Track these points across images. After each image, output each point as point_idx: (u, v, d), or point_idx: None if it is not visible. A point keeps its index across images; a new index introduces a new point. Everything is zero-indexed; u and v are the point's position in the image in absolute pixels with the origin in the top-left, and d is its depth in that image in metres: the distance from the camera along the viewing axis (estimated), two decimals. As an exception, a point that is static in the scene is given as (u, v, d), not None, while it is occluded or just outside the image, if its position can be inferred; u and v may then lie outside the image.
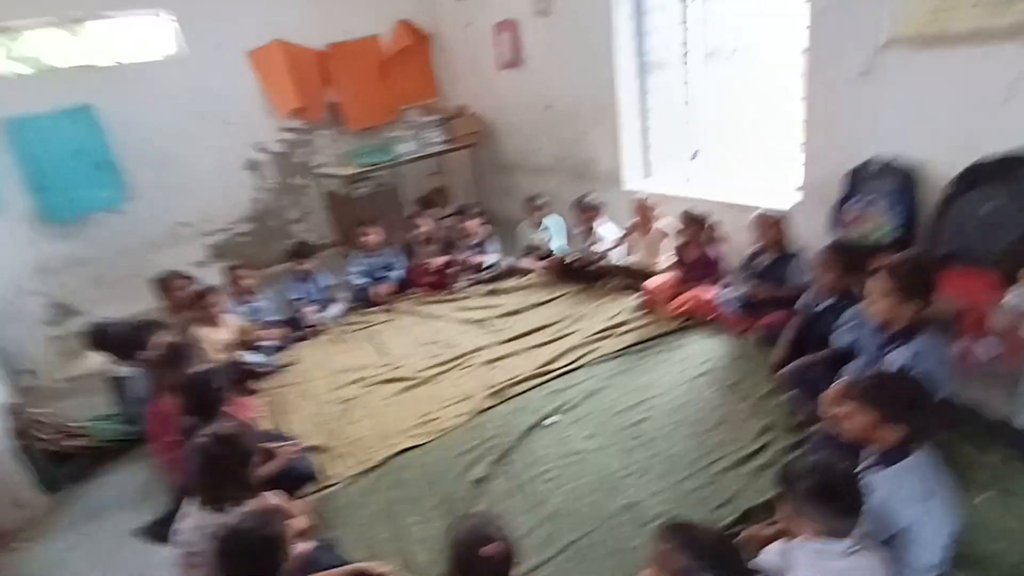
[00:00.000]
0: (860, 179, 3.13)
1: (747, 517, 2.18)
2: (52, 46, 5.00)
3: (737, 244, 3.66)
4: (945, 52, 2.70)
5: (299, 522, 2.30)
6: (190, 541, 1.97)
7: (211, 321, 3.79)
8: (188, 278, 4.17)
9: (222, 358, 3.70)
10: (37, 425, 3.13)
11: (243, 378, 3.65)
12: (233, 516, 1.77)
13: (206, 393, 2.54)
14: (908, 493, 1.70)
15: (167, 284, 4.02)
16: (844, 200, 3.17)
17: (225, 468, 1.99)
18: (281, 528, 1.72)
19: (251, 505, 2.01)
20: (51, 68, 4.99)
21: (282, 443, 2.74)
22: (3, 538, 2.72)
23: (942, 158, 2.82)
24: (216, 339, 3.76)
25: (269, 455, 2.53)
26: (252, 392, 3.63)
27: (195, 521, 1.98)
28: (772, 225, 3.25)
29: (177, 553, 2.00)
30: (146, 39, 5.23)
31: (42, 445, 3.06)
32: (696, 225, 3.66)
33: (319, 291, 4.66)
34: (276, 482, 2.41)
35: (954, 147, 2.76)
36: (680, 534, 1.47)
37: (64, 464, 3.10)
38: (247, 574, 1.65)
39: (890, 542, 1.71)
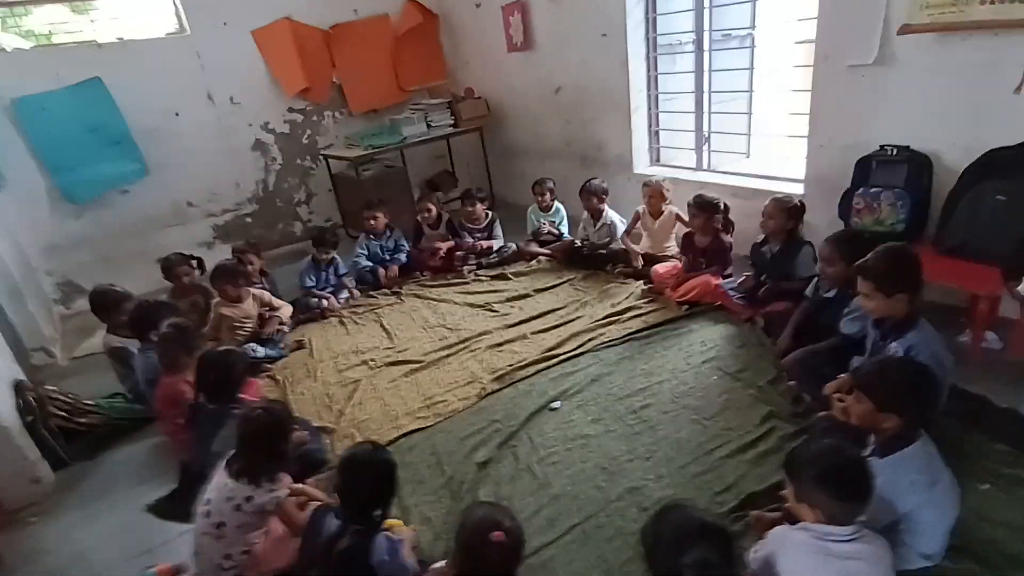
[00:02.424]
0: (869, 168, 3.12)
1: (749, 503, 2.20)
2: (52, 21, 4.97)
3: (747, 231, 3.65)
4: (958, 40, 2.68)
5: None
6: (219, 511, 2.02)
7: (233, 299, 3.80)
8: (196, 259, 4.20)
9: (246, 332, 3.76)
10: (48, 402, 3.16)
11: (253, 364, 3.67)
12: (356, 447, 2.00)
13: (227, 374, 2.59)
14: (909, 481, 1.72)
15: (172, 268, 4.04)
16: (852, 189, 3.16)
17: (268, 442, 2.06)
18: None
19: (282, 484, 2.11)
20: (52, 44, 4.97)
21: (294, 427, 2.78)
22: (15, 513, 2.77)
23: (953, 148, 2.81)
24: (240, 314, 3.79)
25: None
26: (259, 372, 3.66)
27: (225, 492, 2.03)
28: (782, 212, 3.22)
29: (203, 523, 2.04)
30: (148, 15, 5.18)
31: (53, 422, 3.09)
32: (707, 212, 3.64)
33: (336, 278, 4.66)
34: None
35: (966, 136, 2.75)
36: (663, 518, 1.50)
37: (74, 441, 3.14)
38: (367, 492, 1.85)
39: (891, 529, 1.73)
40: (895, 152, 3.00)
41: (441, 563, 1.95)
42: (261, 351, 3.76)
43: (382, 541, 1.80)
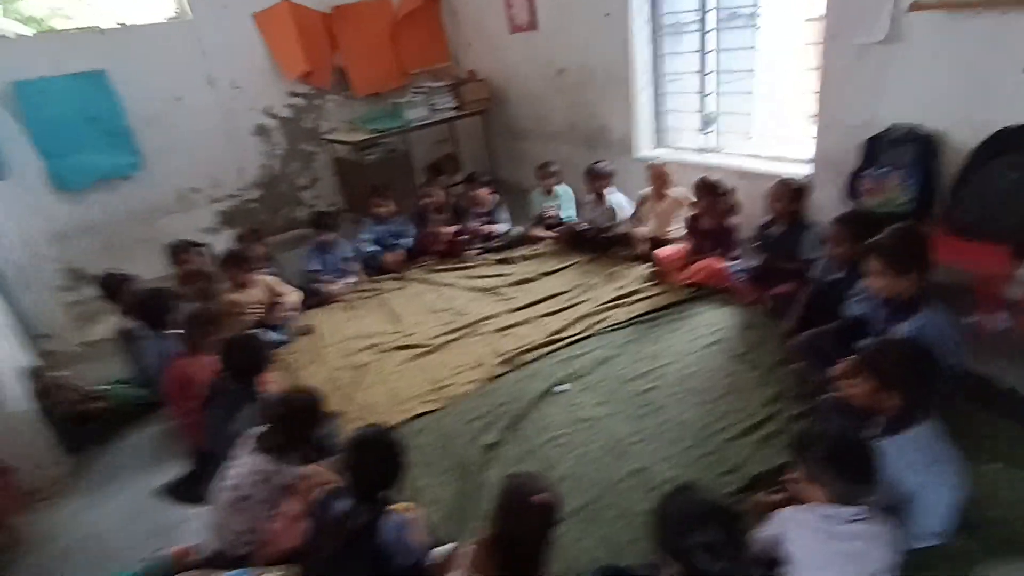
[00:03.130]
0: (877, 148, 3.08)
1: (754, 484, 2.22)
2: (51, 6, 4.94)
3: (751, 213, 3.62)
4: (969, 18, 2.63)
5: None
6: (245, 485, 2.07)
7: (241, 285, 3.80)
8: (200, 246, 4.21)
9: (255, 318, 3.78)
10: (57, 388, 3.20)
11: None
12: (365, 429, 1.98)
13: (254, 357, 2.63)
14: (913, 461, 1.73)
15: (177, 254, 4.05)
16: (860, 170, 3.13)
17: (303, 424, 2.15)
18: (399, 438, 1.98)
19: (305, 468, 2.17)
20: (54, 30, 4.94)
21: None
22: (28, 497, 2.81)
23: (963, 126, 2.77)
24: (247, 301, 3.80)
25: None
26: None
27: (252, 466, 2.09)
28: (789, 194, 3.20)
29: (227, 496, 2.09)
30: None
31: (63, 408, 3.12)
32: (711, 194, 3.62)
33: (337, 262, 4.67)
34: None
35: (976, 115, 2.71)
36: (674, 498, 1.54)
37: (84, 426, 3.17)
38: (375, 472, 1.88)
39: (896, 509, 1.74)
40: (903, 131, 2.97)
41: (451, 545, 1.97)
42: (272, 336, 3.79)
43: (390, 522, 1.83)
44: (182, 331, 2.90)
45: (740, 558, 1.45)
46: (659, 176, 4.09)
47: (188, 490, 2.68)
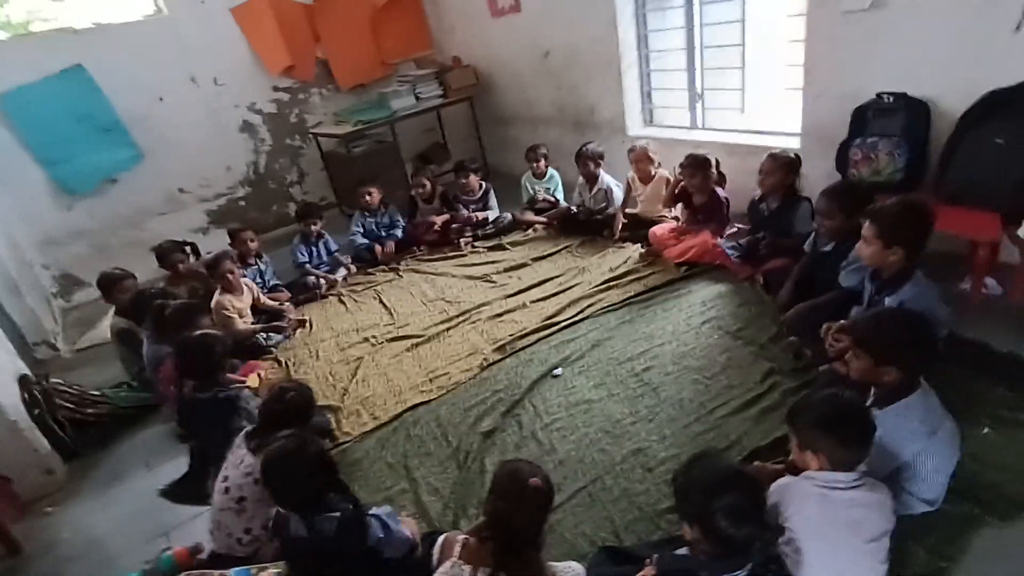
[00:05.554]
0: (866, 118, 3.06)
1: (753, 458, 2.22)
2: (29, 8, 4.86)
3: (744, 188, 3.59)
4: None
5: None
6: (239, 486, 2.07)
7: (231, 288, 3.77)
8: (189, 245, 4.19)
9: (247, 324, 3.76)
10: (55, 394, 3.19)
11: (258, 350, 3.71)
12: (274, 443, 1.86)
13: (206, 356, 2.60)
14: (910, 430, 1.73)
15: (166, 255, 4.02)
16: (849, 140, 3.11)
17: (290, 419, 2.11)
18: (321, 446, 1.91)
19: None
20: (28, 33, 4.87)
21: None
22: (31, 504, 2.81)
23: (952, 92, 2.75)
24: (240, 306, 3.78)
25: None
26: (262, 353, 3.67)
27: (244, 467, 2.08)
28: (779, 168, 3.17)
29: (223, 499, 2.09)
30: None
31: (61, 413, 3.12)
32: (702, 169, 3.58)
33: (328, 254, 4.65)
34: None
35: (964, 79, 2.69)
36: (696, 464, 1.55)
37: (84, 431, 3.17)
38: (297, 492, 1.79)
39: (892, 477, 1.75)
40: (892, 100, 2.94)
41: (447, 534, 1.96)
42: (275, 338, 3.82)
43: (373, 523, 1.81)
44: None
45: (761, 523, 1.47)
46: (641, 158, 4.06)
47: (188, 490, 2.68)
